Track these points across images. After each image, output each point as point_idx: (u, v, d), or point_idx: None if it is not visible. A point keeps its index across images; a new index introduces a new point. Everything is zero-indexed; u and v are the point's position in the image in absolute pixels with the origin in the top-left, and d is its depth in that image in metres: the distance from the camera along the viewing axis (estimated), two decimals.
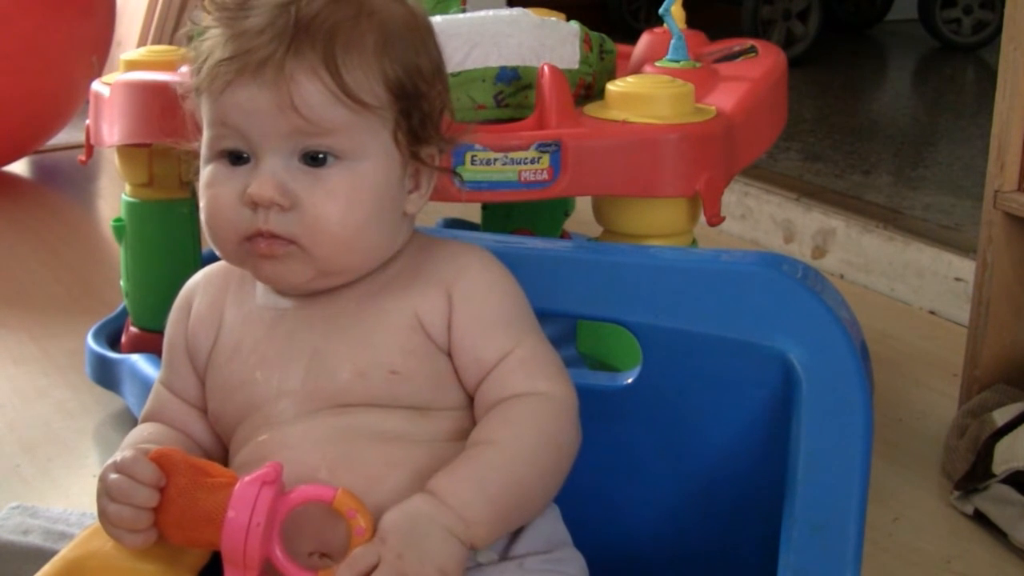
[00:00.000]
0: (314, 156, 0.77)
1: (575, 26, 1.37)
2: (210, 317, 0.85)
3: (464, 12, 1.41)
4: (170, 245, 1.56)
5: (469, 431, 0.79)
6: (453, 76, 1.27)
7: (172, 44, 1.96)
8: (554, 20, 1.38)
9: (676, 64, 1.39)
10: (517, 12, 1.36)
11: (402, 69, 0.78)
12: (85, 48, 2.57)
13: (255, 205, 0.76)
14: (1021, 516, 1.27)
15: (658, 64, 1.40)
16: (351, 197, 0.77)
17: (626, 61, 1.53)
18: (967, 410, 1.45)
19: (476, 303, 0.81)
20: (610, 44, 1.41)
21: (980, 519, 1.32)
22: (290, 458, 0.77)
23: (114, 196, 2.51)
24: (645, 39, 1.55)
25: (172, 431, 0.84)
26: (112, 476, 0.74)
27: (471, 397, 0.81)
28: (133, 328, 1.59)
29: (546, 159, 1.17)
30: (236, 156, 0.78)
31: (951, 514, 1.35)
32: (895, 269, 2.01)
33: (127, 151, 1.53)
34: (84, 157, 1.59)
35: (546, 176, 1.17)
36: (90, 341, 1.59)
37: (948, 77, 3.68)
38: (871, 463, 0.78)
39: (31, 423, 1.56)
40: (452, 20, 1.32)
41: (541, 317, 0.84)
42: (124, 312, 1.63)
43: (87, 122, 1.55)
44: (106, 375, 1.55)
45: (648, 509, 0.93)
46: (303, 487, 0.72)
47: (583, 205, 1.45)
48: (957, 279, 1.89)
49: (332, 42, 0.75)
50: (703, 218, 1.22)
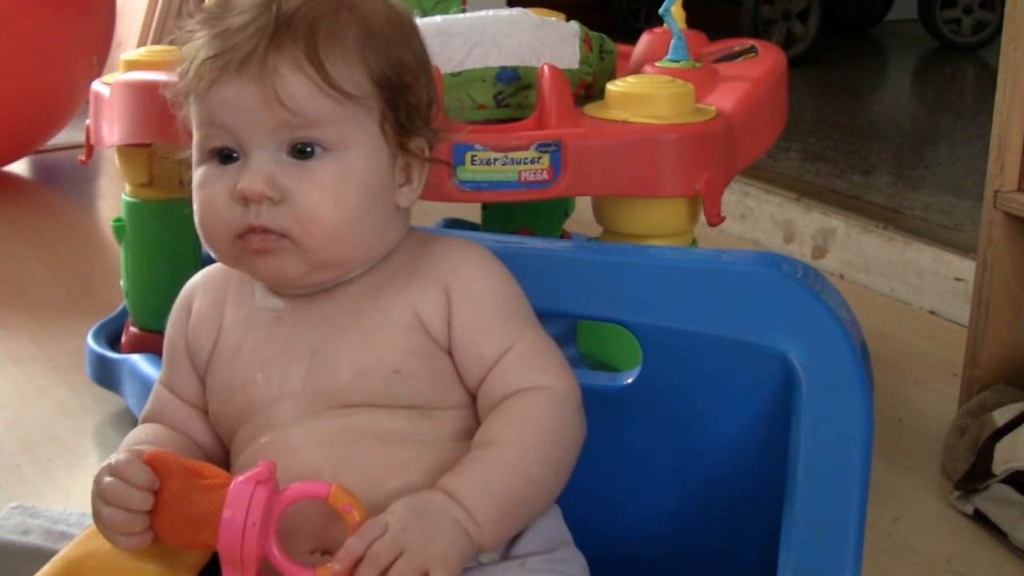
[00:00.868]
0: (302, 148, 0.77)
1: (575, 26, 1.37)
2: (210, 318, 0.85)
3: (464, 12, 1.41)
4: (170, 245, 1.56)
5: (473, 430, 0.79)
6: (453, 76, 1.27)
7: (172, 44, 1.96)
8: (554, 20, 1.38)
9: (676, 64, 1.39)
10: (517, 12, 1.36)
11: (385, 61, 0.78)
12: (85, 48, 2.57)
13: (246, 201, 0.76)
14: (1021, 516, 1.27)
15: (658, 64, 1.40)
16: (340, 187, 0.77)
17: (626, 61, 1.52)
18: (967, 410, 1.45)
19: (474, 300, 0.80)
20: (610, 44, 1.41)
21: (980, 519, 1.32)
22: (293, 461, 0.77)
23: (114, 196, 2.51)
24: (645, 39, 1.55)
25: (172, 432, 0.84)
26: (106, 479, 0.74)
27: (473, 396, 0.81)
28: (133, 328, 1.59)
29: (546, 159, 1.17)
30: (226, 155, 0.78)
31: (951, 514, 1.35)
32: (895, 269, 2.00)
33: (127, 151, 1.53)
34: (84, 157, 1.59)
35: (546, 176, 1.17)
36: (90, 341, 1.59)
37: (948, 77, 3.68)
38: (871, 463, 0.78)
39: (31, 423, 1.56)
40: (452, 20, 1.32)
41: (541, 317, 0.84)
42: (124, 312, 1.63)
43: (87, 122, 1.55)
44: (106, 375, 1.55)
45: (648, 509, 0.93)
46: (297, 484, 0.72)
47: (583, 205, 1.44)
48: (957, 279, 1.89)
49: (314, 35, 0.76)
50: (703, 218, 1.22)
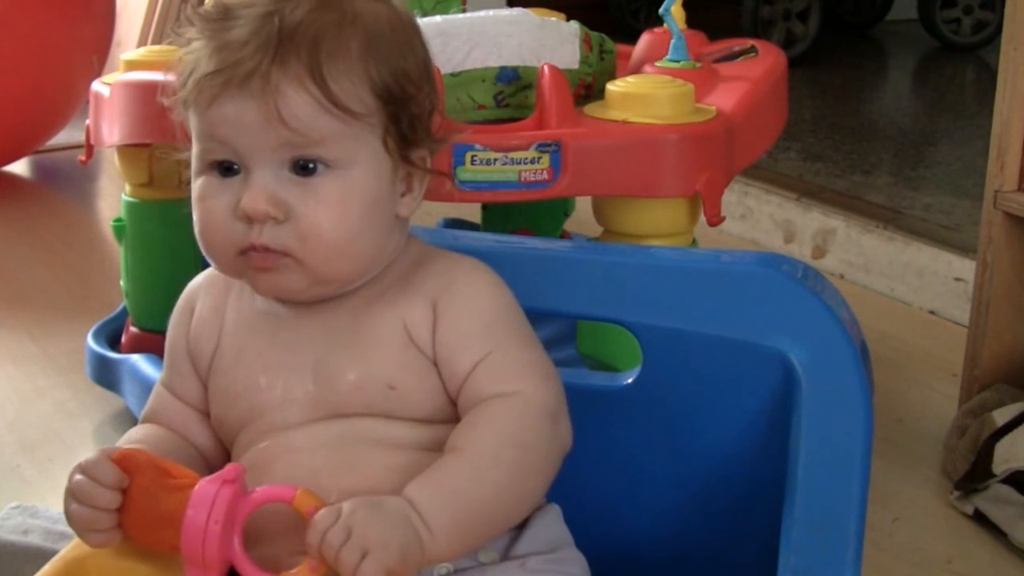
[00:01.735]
0: (304, 166, 0.76)
1: (575, 26, 1.37)
2: (212, 321, 0.85)
3: (464, 12, 1.41)
4: (170, 245, 1.55)
5: None
6: (453, 76, 1.27)
7: (172, 44, 1.96)
8: (554, 20, 1.38)
9: (676, 64, 1.39)
10: (517, 12, 1.36)
11: (388, 73, 0.78)
12: (85, 48, 2.57)
13: (249, 219, 0.76)
14: (1021, 516, 1.27)
15: (658, 64, 1.40)
16: (344, 205, 0.77)
17: (626, 61, 1.52)
18: (967, 410, 1.45)
19: (454, 314, 0.79)
20: (610, 44, 1.41)
21: (980, 519, 1.32)
22: (293, 462, 0.77)
23: (114, 196, 2.51)
24: (645, 39, 1.55)
25: (170, 433, 0.84)
26: (76, 477, 0.74)
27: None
28: (133, 328, 1.59)
29: (546, 159, 1.17)
30: (226, 168, 0.78)
31: (951, 514, 1.35)
32: (895, 269, 2.00)
33: (127, 151, 1.53)
34: (84, 157, 1.59)
35: (546, 176, 1.17)
36: (90, 341, 1.59)
37: (948, 77, 3.68)
38: (871, 463, 0.78)
39: (31, 423, 1.56)
40: (452, 20, 1.32)
41: (541, 317, 0.84)
42: (124, 312, 1.63)
43: (87, 122, 1.55)
44: (106, 375, 1.55)
45: (648, 509, 0.93)
46: (264, 487, 0.72)
47: (583, 205, 1.44)
48: (957, 279, 1.89)
49: (317, 51, 0.75)
50: (703, 218, 1.22)
